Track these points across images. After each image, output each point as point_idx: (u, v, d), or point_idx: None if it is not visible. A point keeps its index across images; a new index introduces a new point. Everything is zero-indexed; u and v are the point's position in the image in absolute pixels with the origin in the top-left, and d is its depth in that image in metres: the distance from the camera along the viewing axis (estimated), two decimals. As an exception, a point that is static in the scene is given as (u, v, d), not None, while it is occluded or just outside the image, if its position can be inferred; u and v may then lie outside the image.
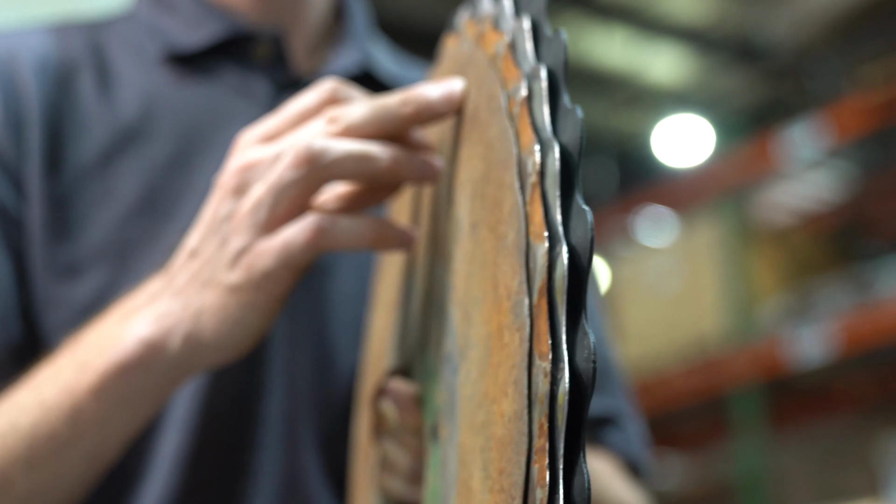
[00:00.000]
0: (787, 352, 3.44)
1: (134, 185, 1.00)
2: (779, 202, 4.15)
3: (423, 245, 0.77)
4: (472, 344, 0.62)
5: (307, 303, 1.00)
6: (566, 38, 0.60)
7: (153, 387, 0.80)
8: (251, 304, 0.76)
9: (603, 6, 5.86)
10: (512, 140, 0.60)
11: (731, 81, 6.68)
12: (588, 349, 0.50)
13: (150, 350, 0.78)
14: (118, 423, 0.81)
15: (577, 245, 0.53)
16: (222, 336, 0.77)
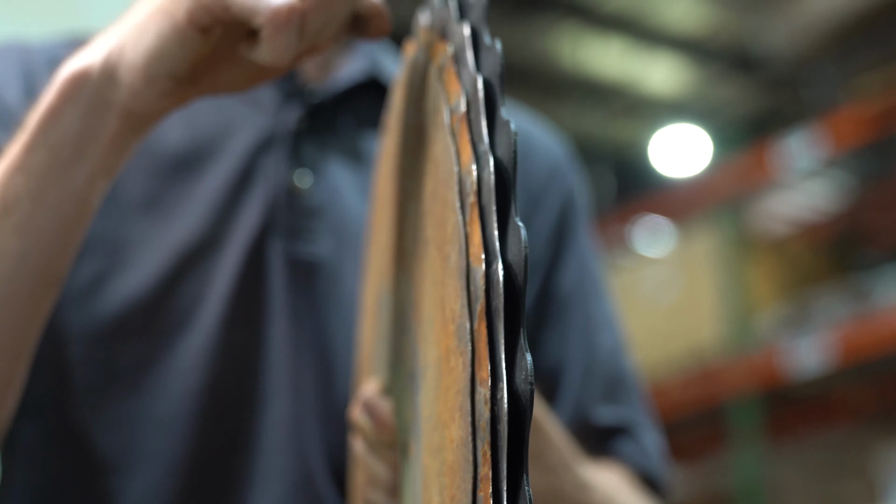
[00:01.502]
0: (785, 362, 3.44)
1: (137, 188, 1.01)
2: (776, 212, 4.15)
3: (392, 258, 0.77)
4: (428, 364, 0.62)
5: (310, 307, 1.00)
6: (500, 46, 0.60)
7: (79, 126, 0.78)
8: (173, 17, 0.74)
9: (600, 16, 5.86)
10: (453, 158, 0.59)
11: (728, 91, 6.68)
12: (526, 370, 0.50)
13: (77, 78, 0.77)
14: (47, 183, 0.78)
15: (513, 263, 0.52)
16: (137, 52, 0.75)
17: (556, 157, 1.16)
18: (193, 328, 0.98)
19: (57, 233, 0.80)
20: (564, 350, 1.09)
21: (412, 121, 0.74)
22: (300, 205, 1.01)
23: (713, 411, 3.89)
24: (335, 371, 0.99)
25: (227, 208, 1.01)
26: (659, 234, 4.29)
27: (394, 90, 0.85)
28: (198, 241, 0.99)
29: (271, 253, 1.00)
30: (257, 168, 1.02)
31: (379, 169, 0.89)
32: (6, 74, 1.03)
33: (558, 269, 1.11)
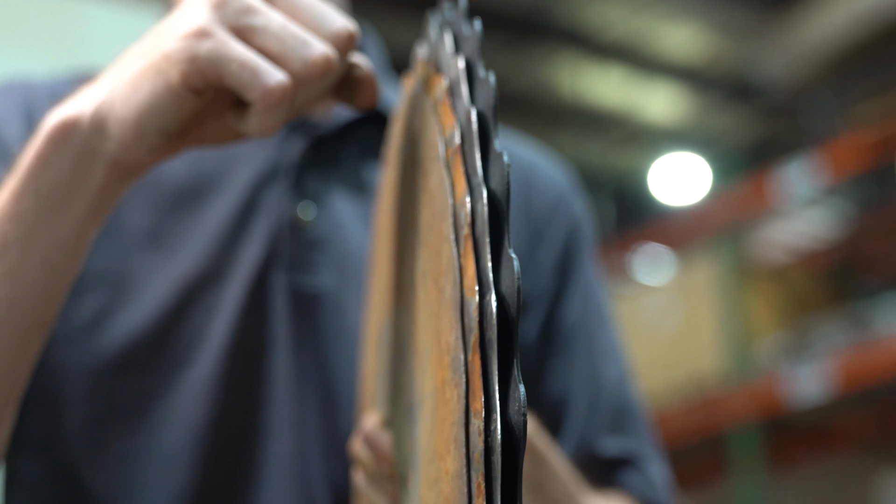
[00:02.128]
0: (786, 390, 3.44)
1: (140, 221, 1.01)
2: (776, 240, 4.15)
3: (392, 290, 0.77)
4: (425, 396, 0.62)
5: (314, 339, 1.00)
6: (494, 79, 0.60)
7: (68, 174, 0.77)
8: (167, 77, 0.73)
9: (599, 45, 5.88)
10: (448, 190, 0.59)
11: (727, 120, 6.70)
12: (519, 402, 0.50)
13: (66, 126, 0.77)
14: (37, 230, 0.78)
15: (506, 294, 0.52)
16: (128, 106, 0.75)
17: (560, 188, 1.16)
18: (196, 361, 0.98)
19: (45, 279, 0.80)
20: (570, 381, 1.09)
21: (410, 153, 0.74)
22: (303, 237, 1.01)
23: (714, 439, 3.89)
24: (338, 403, 0.99)
25: (230, 241, 1.01)
26: (659, 262, 4.29)
27: (393, 123, 0.86)
28: (201, 273, 0.99)
29: (274, 285, 1.00)
30: (260, 201, 1.02)
31: (379, 201, 0.90)
32: (8, 112, 1.03)
33: (563, 299, 1.11)
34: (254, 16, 0.73)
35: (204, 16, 0.73)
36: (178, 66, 0.73)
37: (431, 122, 0.66)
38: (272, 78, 0.72)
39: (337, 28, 0.75)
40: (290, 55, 0.73)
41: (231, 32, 0.73)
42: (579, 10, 5.58)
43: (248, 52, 0.72)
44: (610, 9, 5.58)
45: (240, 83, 0.72)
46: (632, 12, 5.61)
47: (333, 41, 0.74)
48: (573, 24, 5.70)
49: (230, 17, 0.73)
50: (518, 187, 1.11)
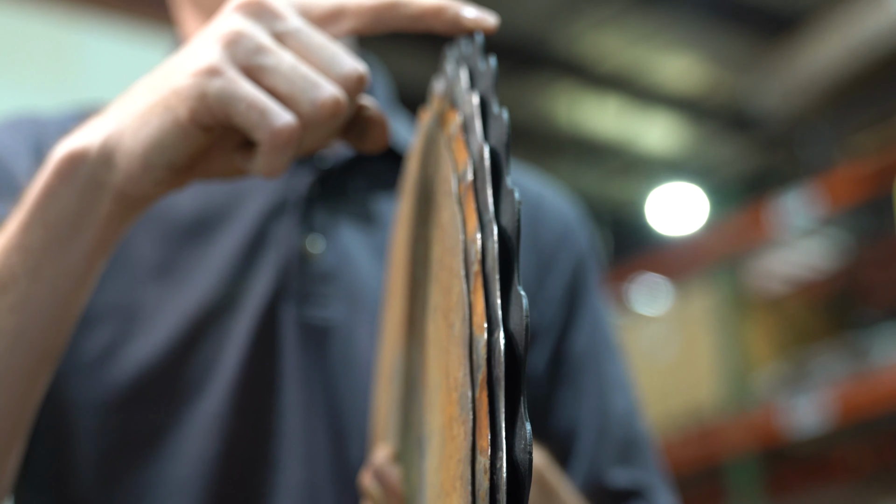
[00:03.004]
0: (784, 420, 3.43)
1: (149, 253, 1.02)
2: (773, 270, 4.15)
3: (405, 323, 0.77)
4: (434, 431, 0.63)
5: (323, 371, 1.00)
6: (508, 116, 0.60)
7: (75, 206, 0.77)
8: (175, 113, 0.74)
9: (596, 75, 5.90)
10: (459, 226, 0.60)
11: (724, 150, 6.71)
12: (525, 440, 0.50)
13: (73, 158, 0.77)
14: (44, 261, 0.78)
15: (514, 332, 0.53)
16: (136, 140, 0.75)
17: (567, 219, 1.17)
18: (206, 394, 0.98)
19: (54, 310, 0.80)
20: (578, 412, 1.09)
21: (424, 188, 0.75)
22: (312, 270, 1.02)
23: (712, 470, 3.88)
24: (348, 436, 0.99)
25: (239, 274, 1.01)
26: (656, 292, 4.29)
27: (409, 157, 0.86)
28: (210, 306, 1.00)
29: (284, 318, 1.00)
30: (269, 234, 1.03)
31: (394, 235, 0.90)
32: (17, 147, 1.04)
33: (571, 331, 1.11)
34: (265, 55, 0.73)
35: (215, 53, 0.73)
36: (186, 102, 0.73)
37: (445, 158, 0.67)
38: (280, 119, 0.72)
39: (347, 70, 0.75)
40: (299, 96, 0.73)
41: (241, 71, 0.73)
42: (577, 40, 5.60)
43: (257, 92, 0.73)
44: (607, 40, 5.60)
45: (248, 123, 0.72)
46: (629, 43, 5.62)
47: (343, 83, 0.74)
48: (570, 55, 5.72)
49: (241, 55, 0.73)
50: (526, 219, 1.12)
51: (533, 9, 5.27)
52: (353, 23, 0.78)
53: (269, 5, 0.75)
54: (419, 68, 5.00)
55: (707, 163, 6.92)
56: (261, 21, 0.75)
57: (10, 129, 1.06)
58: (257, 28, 0.74)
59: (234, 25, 0.74)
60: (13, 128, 1.06)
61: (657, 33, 5.52)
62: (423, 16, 0.77)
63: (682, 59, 5.80)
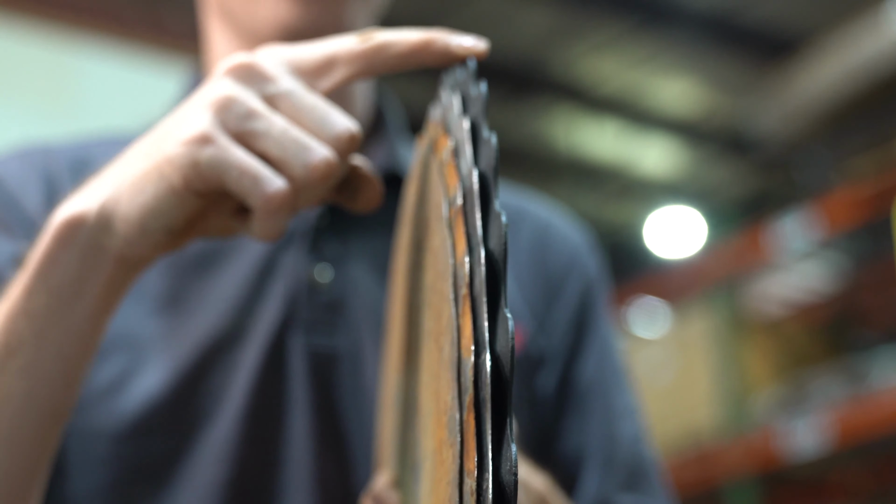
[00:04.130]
0: (782, 443, 3.42)
1: (158, 284, 1.02)
2: (771, 293, 4.15)
3: (404, 350, 0.77)
4: (426, 455, 0.63)
5: (331, 400, 1.00)
6: (496, 140, 0.61)
7: (77, 271, 0.78)
8: (169, 181, 0.75)
9: (594, 99, 5.91)
10: (449, 250, 0.60)
11: (721, 173, 6.72)
12: (510, 461, 0.50)
13: (72, 223, 0.77)
14: (50, 324, 0.79)
15: (500, 354, 0.53)
16: (133, 207, 0.76)
17: (575, 245, 1.17)
18: (215, 422, 0.98)
19: (61, 371, 0.81)
20: (585, 438, 1.09)
21: (420, 214, 0.75)
22: (320, 299, 1.02)
23: (710, 493, 3.87)
24: (355, 463, 0.99)
25: (247, 303, 1.01)
26: (654, 315, 4.29)
27: (408, 184, 0.86)
28: (219, 335, 1.00)
29: (292, 347, 1.00)
30: (278, 263, 1.03)
31: (395, 262, 0.91)
32: (27, 180, 1.04)
33: (579, 356, 1.12)
34: (255, 120, 0.74)
35: (206, 120, 0.74)
36: (180, 170, 0.74)
37: (437, 183, 0.67)
38: (272, 186, 0.73)
39: (338, 131, 0.75)
40: (290, 161, 0.74)
41: (232, 138, 0.74)
42: (574, 64, 5.61)
43: (248, 158, 0.73)
44: (605, 63, 5.62)
45: (240, 190, 0.73)
46: (627, 67, 5.64)
47: (335, 143, 0.75)
48: (568, 79, 5.73)
49: (232, 121, 0.74)
50: (534, 245, 1.12)
51: (531, 32, 5.29)
52: (345, 72, 0.78)
53: (259, 68, 0.76)
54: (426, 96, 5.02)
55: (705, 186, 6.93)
56: (251, 85, 0.76)
57: (21, 160, 1.07)
58: (248, 92, 0.75)
59: (224, 91, 0.75)
60: (23, 159, 1.07)
61: (655, 57, 5.53)
62: (412, 53, 0.78)
63: (680, 82, 5.81)
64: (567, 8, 5.06)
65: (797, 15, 5.12)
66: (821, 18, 4.92)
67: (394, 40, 0.78)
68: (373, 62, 0.78)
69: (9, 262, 0.97)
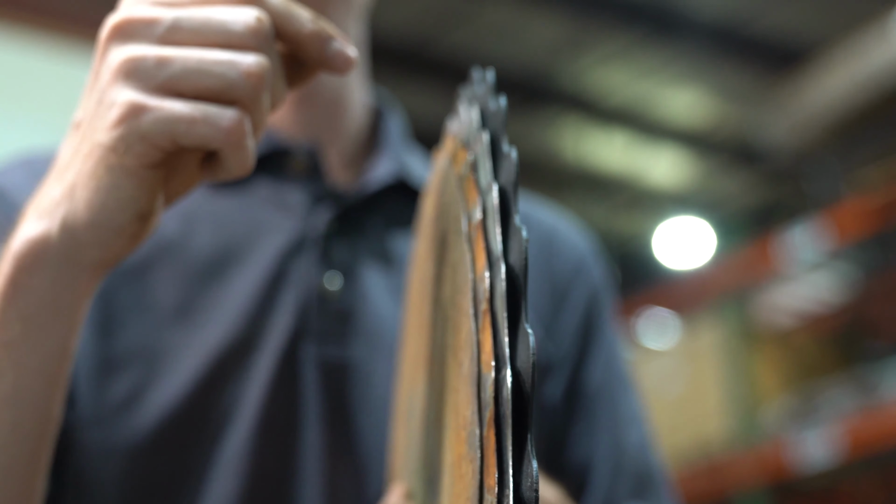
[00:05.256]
0: (792, 454, 3.42)
1: (169, 295, 1.01)
2: (781, 304, 4.15)
3: (420, 362, 0.77)
4: (444, 470, 0.63)
5: (344, 410, 1.00)
6: (517, 155, 0.60)
7: (49, 293, 0.75)
8: (122, 167, 0.70)
9: (603, 110, 5.91)
10: (469, 265, 0.60)
11: (730, 184, 6.72)
12: (531, 477, 0.50)
13: (35, 248, 0.74)
14: (28, 351, 0.76)
15: (521, 370, 0.52)
16: (95, 210, 0.72)
17: (581, 252, 1.17)
18: (229, 434, 0.98)
19: (45, 392, 0.78)
20: (593, 446, 1.09)
21: (438, 228, 0.75)
22: (331, 308, 1.01)
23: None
24: (369, 474, 0.99)
25: (259, 313, 1.00)
26: (663, 326, 4.29)
27: (425, 197, 0.86)
28: (231, 346, 0.99)
29: (304, 357, 1.00)
30: (288, 271, 1.02)
31: (411, 273, 0.91)
32: (26, 183, 1.01)
33: (585, 365, 1.11)
34: (167, 66, 0.70)
35: (123, 92, 0.70)
36: (129, 151, 0.70)
37: (457, 197, 0.67)
38: (225, 118, 0.70)
39: (246, 26, 0.72)
40: (225, 86, 0.70)
41: (158, 94, 0.70)
42: (583, 75, 5.61)
43: (186, 105, 0.70)
44: (614, 74, 5.62)
45: (197, 139, 0.70)
46: (635, 78, 5.64)
47: (252, 41, 0.72)
48: (577, 90, 5.74)
49: (147, 79, 0.70)
50: (539, 252, 1.12)
51: (540, 44, 5.29)
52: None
53: (134, 18, 0.72)
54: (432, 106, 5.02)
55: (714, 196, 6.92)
56: (138, 37, 0.72)
57: (24, 169, 1.05)
58: (140, 45, 0.71)
59: (119, 56, 0.71)
60: (27, 168, 1.05)
61: (663, 68, 5.53)
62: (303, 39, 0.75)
63: (689, 93, 5.81)
64: (576, 19, 5.07)
65: (806, 25, 5.12)
66: (829, 29, 4.92)
67: (284, 12, 0.74)
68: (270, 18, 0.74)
69: None
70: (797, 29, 5.17)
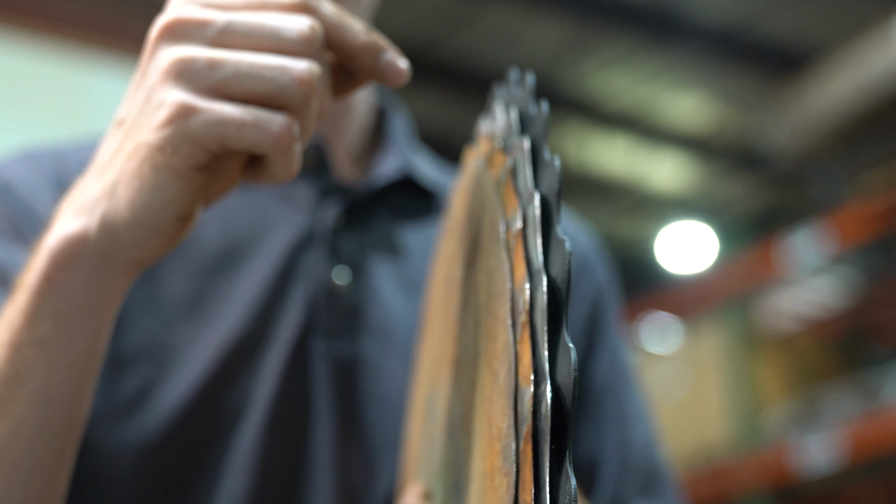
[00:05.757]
0: (795, 459, 3.41)
1: (178, 290, 1.01)
2: (783, 309, 4.14)
3: (445, 363, 0.77)
4: (472, 478, 0.62)
5: (354, 406, 1.00)
6: (560, 164, 0.59)
7: (84, 291, 0.74)
8: (168, 167, 0.70)
9: (606, 115, 5.91)
10: (507, 274, 0.59)
11: (733, 188, 6.72)
12: (569, 495, 0.49)
13: (72, 245, 0.73)
14: (60, 348, 0.76)
15: (562, 385, 0.52)
16: (136, 210, 0.71)
17: (585, 250, 1.17)
18: (240, 430, 0.97)
19: (75, 389, 0.78)
20: (599, 444, 1.09)
21: (470, 230, 0.73)
22: (340, 303, 1.01)
23: (723, 510, 3.86)
24: (380, 469, 0.99)
25: (268, 307, 1.00)
26: (666, 331, 4.28)
27: (454, 195, 0.85)
28: (241, 341, 0.99)
29: (314, 352, 1.00)
30: (297, 266, 1.02)
31: (434, 271, 0.90)
32: (38, 184, 1.02)
33: (591, 362, 1.12)
34: (219, 68, 0.70)
35: (174, 92, 0.70)
36: (177, 151, 0.70)
37: (493, 202, 0.66)
38: (275, 124, 0.70)
39: (297, 32, 0.72)
40: (276, 91, 0.70)
41: (208, 96, 0.70)
42: (585, 79, 5.61)
43: (237, 108, 0.70)
44: (616, 79, 5.62)
45: (246, 143, 0.70)
46: (637, 82, 5.64)
47: (304, 48, 0.71)
48: (579, 94, 5.74)
49: (198, 80, 0.70)
50: None
51: (542, 48, 5.29)
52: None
53: (187, 18, 0.72)
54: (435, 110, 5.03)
55: (716, 201, 6.92)
56: (190, 37, 0.71)
57: (29, 163, 1.04)
58: (193, 46, 0.71)
59: (170, 56, 0.71)
60: (32, 162, 1.05)
61: (666, 72, 5.53)
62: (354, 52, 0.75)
63: (691, 97, 5.81)
64: (578, 24, 5.07)
65: (808, 30, 5.12)
66: (831, 34, 4.92)
67: (337, 23, 0.74)
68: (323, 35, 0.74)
69: None
70: (799, 34, 5.17)
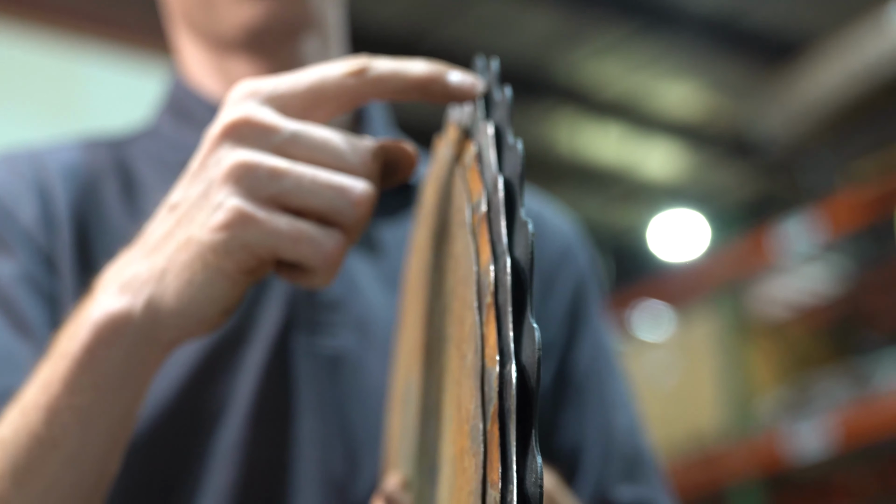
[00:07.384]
0: (786, 446, 3.42)
1: None
2: (775, 296, 4.15)
3: (418, 350, 0.77)
4: (444, 461, 0.62)
5: (335, 400, 1.00)
6: (522, 147, 0.60)
7: (123, 365, 0.75)
8: (219, 268, 0.71)
9: (597, 103, 5.91)
10: (472, 257, 0.59)
11: (725, 176, 6.72)
12: (535, 473, 0.50)
13: (116, 322, 0.73)
14: (96, 415, 0.76)
15: (527, 364, 0.52)
16: (183, 301, 0.72)
17: (567, 239, 1.17)
18: (223, 426, 0.98)
19: (108, 452, 0.79)
20: (583, 431, 1.09)
21: (439, 217, 0.74)
22: (319, 298, 1.01)
23: (714, 496, 3.87)
24: (362, 463, 0.99)
25: (248, 304, 1.00)
26: (658, 318, 4.29)
27: (424, 185, 0.86)
28: (221, 338, 0.99)
29: (294, 348, 1.00)
30: None
31: (409, 262, 0.90)
32: (19, 190, 1.02)
33: (573, 350, 1.12)
34: (281, 179, 0.70)
35: (233, 198, 0.70)
36: (229, 256, 0.71)
37: (459, 188, 0.66)
38: (328, 244, 0.71)
39: (362, 155, 0.73)
40: (333, 209, 0.71)
41: (267, 206, 0.70)
42: (578, 68, 5.61)
43: (294, 222, 0.70)
44: (608, 67, 5.62)
45: (297, 257, 0.71)
46: (630, 70, 5.64)
47: (365, 171, 0.72)
48: (571, 83, 5.73)
49: (259, 189, 0.70)
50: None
51: (534, 36, 5.29)
52: (335, 107, 0.74)
53: (254, 120, 0.72)
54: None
55: (708, 189, 6.92)
56: (256, 142, 0.71)
57: (7, 167, 1.05)
58: (257, 152, 0.71)
59: (233, 158, 0.71)
60: (9, 166, 1.05)
61: (658, 60, 5.53)
62: (412, 89, 0.75)
63: (683, 85, 5.81)
64: (570, 12, 5.07)
65: (800, 18, 5.12)
66: (823, 22, 4.93)
67: (391, 74, 0.74)
68: (365, 95, 0.74)
69: (12, 283, 0.97)
70: (791, 21, 5.17)
